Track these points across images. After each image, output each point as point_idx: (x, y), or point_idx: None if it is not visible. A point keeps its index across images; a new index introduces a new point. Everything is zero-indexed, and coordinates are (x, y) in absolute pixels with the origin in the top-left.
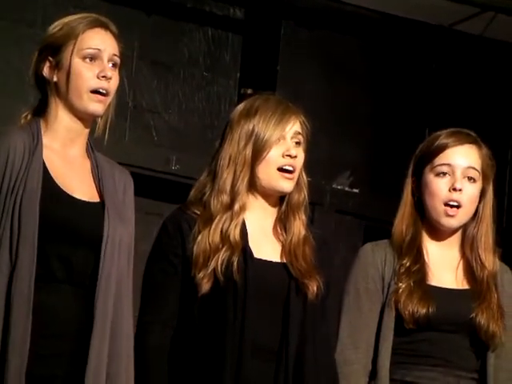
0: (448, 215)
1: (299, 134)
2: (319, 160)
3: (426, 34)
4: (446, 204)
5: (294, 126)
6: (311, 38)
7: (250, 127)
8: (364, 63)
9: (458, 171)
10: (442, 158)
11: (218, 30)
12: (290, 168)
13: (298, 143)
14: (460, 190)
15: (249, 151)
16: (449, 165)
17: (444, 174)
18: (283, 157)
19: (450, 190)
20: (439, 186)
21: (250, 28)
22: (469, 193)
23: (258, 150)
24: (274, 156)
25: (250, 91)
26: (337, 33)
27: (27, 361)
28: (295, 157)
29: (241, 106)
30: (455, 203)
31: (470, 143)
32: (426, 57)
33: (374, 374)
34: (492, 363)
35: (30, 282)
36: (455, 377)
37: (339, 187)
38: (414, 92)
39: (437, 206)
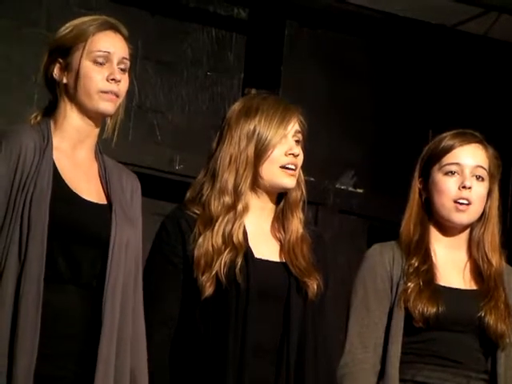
0: (458, 210)
1: (299, 132)
2: (323, 160)
3: (430, 34)
4: (456, 202)
5: (294, 125)
6: (315, 38)
7: (251, 127)
8: (368, 63)
9: (467, 170)
10: (450, 158)
11: (222, 30)
12: (293, 166)
13: (297, 141)
14: (470, 187)
15: (251, 151)
16: (457, 164)
17: (453, 173)
18: (286, 155)
19: (459, 188)
20: (448, 185)
21: (253, 28)
22: (478, 191)
23: (261, 150)
24: (277, 155)
25: (253, 91)
26: (340, 33)
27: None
28: (298, 155)
29: (238, 106)
30: (465, 201)
31: (476, 143)
32: (430, 57)
33: (383, 374)
34: (502, 363)
35: (38, 282)
36: (465, 377)
37: (343, 187)
38: (417, 92)
39: (446, 203)
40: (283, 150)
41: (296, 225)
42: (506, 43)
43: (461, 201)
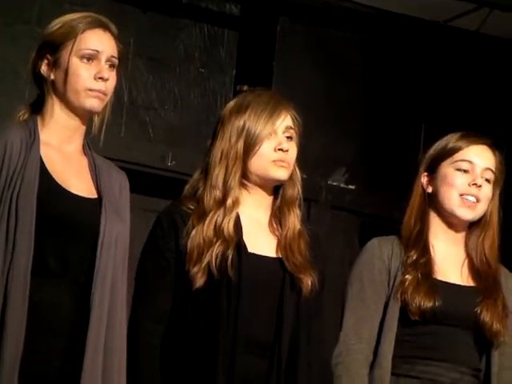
0: (464, 205)
1: (291, 128)
2: (315, 156)
3: (422, 30)
4: (463, 196)
5: (285, 121)
6: (307, 34)
7: (241, 123)
8: (360, 59)
9: (478, 169)
10: (463, 154)
11: (214, 26)
12: (282, 163)
13: (289, 137)
14: (480, 186)
15: (240, 146)
16: (470, 162)
17: (465, 170)
18: (275, 151)
19: (469, 185)
20: (459, 179)
21: (245, 24)
22: (486, 191)
23: (250, 145)
24: (266, 150)
25: (245, 88)
26: (333, 29)
27: (20, 357)
28: (287, 151)
29: (232, 103)
30: (473, 198)
31: (488, 145)
32: (422, 53)
33: (375, 365)
34: (496, 362)
35: (26, 276)
36: (459, 373)
37: (335, 183)
38: (410, 88)
39: (453, 197)
40: (272, 145)
41: (293, 221)
42: (497, 39)
43: (469, 197)
